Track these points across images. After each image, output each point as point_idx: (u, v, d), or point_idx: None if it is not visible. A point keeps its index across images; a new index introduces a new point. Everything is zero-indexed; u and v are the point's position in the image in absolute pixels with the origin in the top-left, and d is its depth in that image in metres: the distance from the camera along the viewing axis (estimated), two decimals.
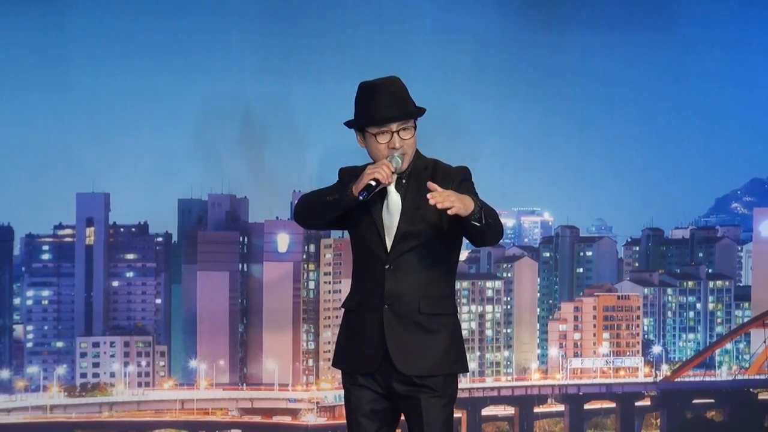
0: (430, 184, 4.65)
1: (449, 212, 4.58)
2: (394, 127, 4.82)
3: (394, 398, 4.88)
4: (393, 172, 4.79)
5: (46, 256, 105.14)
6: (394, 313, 4.80)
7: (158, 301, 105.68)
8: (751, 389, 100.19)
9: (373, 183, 4.70)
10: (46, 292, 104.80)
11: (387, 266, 4.80)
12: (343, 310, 5.03)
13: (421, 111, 4.87)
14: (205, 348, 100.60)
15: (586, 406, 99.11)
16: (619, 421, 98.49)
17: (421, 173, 4.84)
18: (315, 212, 4.83)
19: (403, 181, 4.84)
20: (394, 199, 4.82)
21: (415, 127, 4.87)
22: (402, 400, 4.86)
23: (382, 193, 4.81)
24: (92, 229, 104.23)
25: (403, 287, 4.80)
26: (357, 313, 4.88)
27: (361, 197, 4.69)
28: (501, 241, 4.90)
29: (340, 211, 4.78)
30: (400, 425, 5.09)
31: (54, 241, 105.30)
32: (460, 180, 4.84)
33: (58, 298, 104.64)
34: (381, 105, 4.80)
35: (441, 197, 4.58)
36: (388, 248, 4.80)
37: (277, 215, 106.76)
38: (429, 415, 4.82)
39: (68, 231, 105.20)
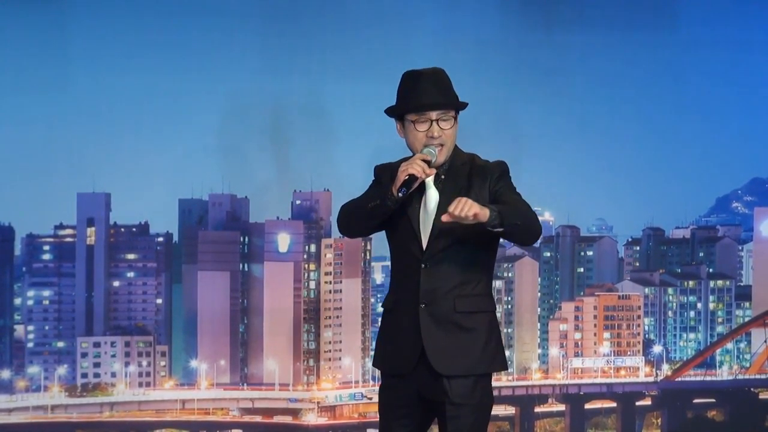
0: (444, 216, 4.59)
1: (468, 216, 4.51)
2: (433, 115, 4.74)
3: (424, 401, 4.83)
4: (429, 164, 4.69)
5: (46, 256, 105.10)
6: (430, 313, 4.73)
7: (159, 301, 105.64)
8: (751, 389, 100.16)
9: (409, 178, 4.62)
10: (46, 292, 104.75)
11: (423, 265, 4.72)
12: (381, 310, 4.98)
13: (463, 104, 4.80)
14: (206, 348, 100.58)
15: (587, 406, 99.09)
16: (619, 421, 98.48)
17: (458, 169, 4.79)
18: (360, 221, 4.75)
19: (442, 176, 4.77)
20: (433, 195, 4.75)
21: (456, 120, 4.80)
22: (433, 404, 4.80)
23: (421, 190, 4.73)
24: (93, 229, 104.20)
25: (439, 286, 4.72)
26: (394, 313, 4.82)
27: (400, 194, 4.61)
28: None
29: (385, 216, 4.69)
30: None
31: (55, 241, 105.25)
32: (498, 175, 4.81)
33: (59, 298, 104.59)
34: (422, 92, 4.72)
35: (457, 208, 4.51)
36: (424, 246, 4.72)
37: (278, 215, 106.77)
38: (455, 423, 4.73)
39: (69, 231, 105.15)
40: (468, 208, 4.50)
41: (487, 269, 4.79)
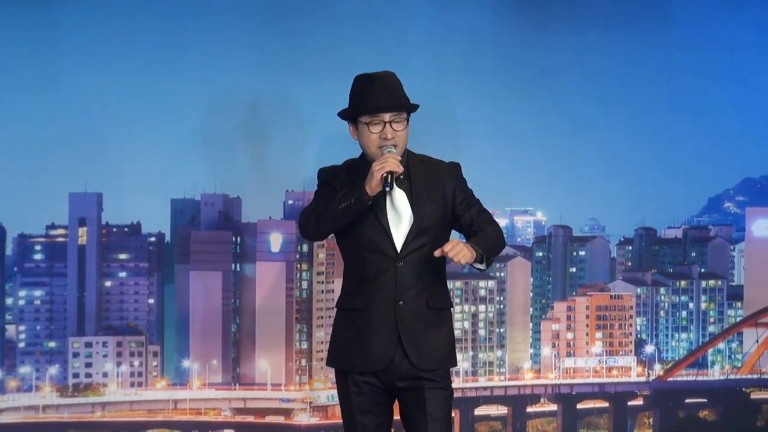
0: (437, 251, 4.79)
1: (461, 263, 4.78)
2: (386, 117, 4.84)
3: (394, 392, 4.89)
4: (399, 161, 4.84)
5: (38, 256, 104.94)
6: (407, 310, 4.84)
7: (151, 301, 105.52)
8: (743, 389, 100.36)
9: (387, 175, 4.74)
10: (38, 292, 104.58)
11: (398, 263, 4.83)
12: (336, 309, 5.00)
13: (414, 106, 4.89)
14: (198, 348, 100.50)
15: (579, 406, 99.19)
16: (611, 421, 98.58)
17: (418, 168, 4.90)
18: (330, 223, 4.81)
19: (401, 177, 4.86)
20: (399, 195, 4.85)
21: (408, 122, 4.89)
22: (403, 392, 4.87)
23: (384, 192, 4.83)
24: (85, 229, 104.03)
25: (414, 284, 4.85)
26: (365, 311, 4.87)
27: (387, 188, 4.73)
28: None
29: (356, 215, 4.79)
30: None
31: (46, 241, 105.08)
32: (460, 179, 4.94)
33: (51, 298, 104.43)
34: (375, 95, 4.83)
35: (452, 252, 4.74)
36: (398, 245, 4.83)
37: (270, 215, 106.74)
38: (432, 405, 4.87)
39: (60, 231, 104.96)
40: (463, 257, 4.75)
41: (444, 267, 4.97)
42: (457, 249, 4.72)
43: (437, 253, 4.74)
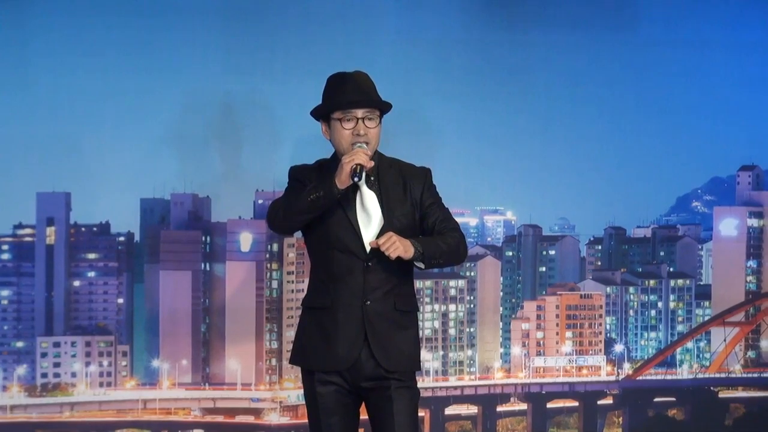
0: (372, 242, 4.77)
1: (391, 256, 4.71)
2: (359, 113, 4.84)
3: (359, 392, 4.90)
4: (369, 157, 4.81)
5: (5, 256, 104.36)
6: (374, 311, 4.83)
7: (120, 300, 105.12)
8: (711, 388, 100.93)
9: (356, 167, 4.71)
10: (5, 292, 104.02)
11: (366, 264, 4.81)
12: (302, 307, 5.01)
13: (387, 105, 4.89)
14: (168, 348, 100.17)
15: (549, 405, 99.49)
16: (581, 420, 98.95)
17: (387, 170, 4.89)
18: (296, 216, 4.79)
19: (372, 178, 4.85)
20: (369, 196, 4.84)
21: (380, 121, 4.90)
22: (369, 391, 4.87)
23: (354, 190, 4.81)
24: (53, 228, 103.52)
25: (381, 285, 4.84)
26: (331, 310, 4.86)
27: (355, 179, 4.70)
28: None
29: (325, 208, 4.77)
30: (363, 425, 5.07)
31: (14, 241, 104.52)
32: (429, 184, 4.92)
33: (18, 298, 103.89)
34: (348, 91, 4.84)
35: (385, 245, 4.71)
36: (368, 246, 4.80)
37: (240, 214, 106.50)
38: (398, 404, 4.85)
39: (28, 231, 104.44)
40: (393, 249, 4.69)
41: (412, 269, 4.94)
42: (390, 242, 4.70)
43: (371, 243, 4.73)
